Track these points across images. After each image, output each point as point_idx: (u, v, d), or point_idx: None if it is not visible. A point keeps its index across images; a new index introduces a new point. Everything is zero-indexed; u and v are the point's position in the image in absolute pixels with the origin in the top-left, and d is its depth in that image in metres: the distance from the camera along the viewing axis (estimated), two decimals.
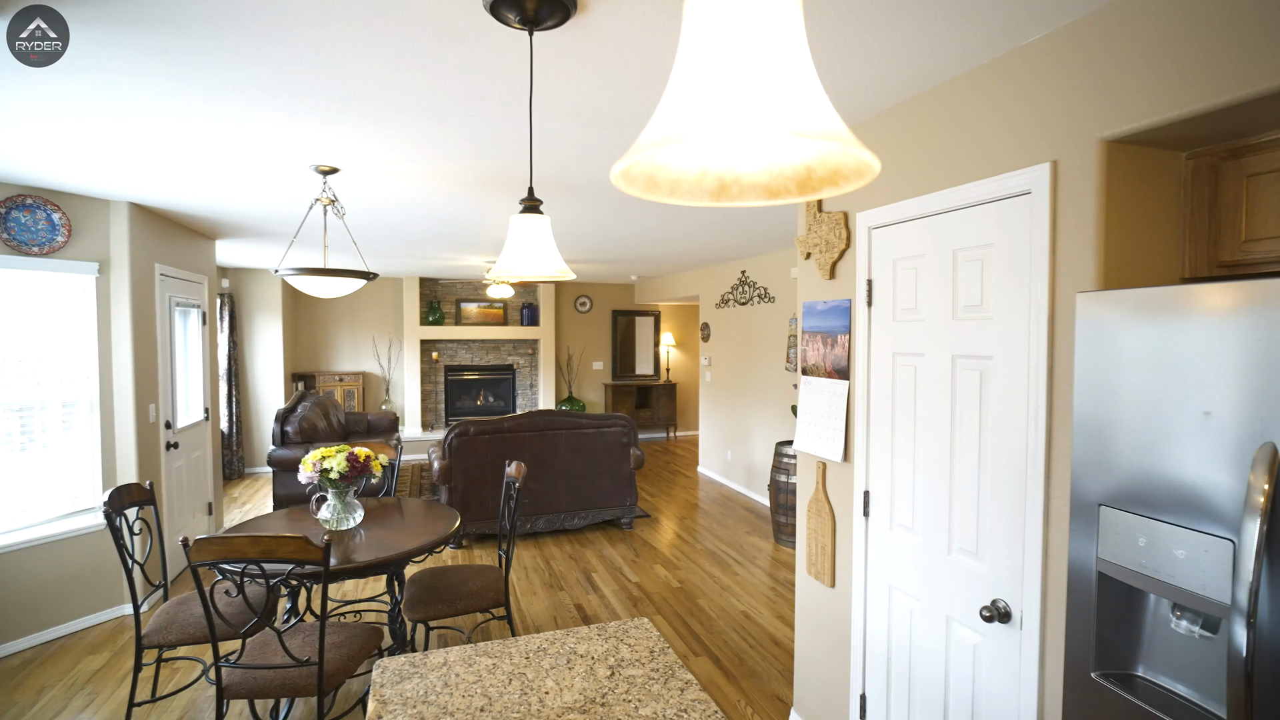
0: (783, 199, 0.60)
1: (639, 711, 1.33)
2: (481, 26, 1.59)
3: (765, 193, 0.60)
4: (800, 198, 0.59)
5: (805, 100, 0.46)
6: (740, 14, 0.49)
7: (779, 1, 0.48)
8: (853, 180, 0.53)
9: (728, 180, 0.60)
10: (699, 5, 0.51)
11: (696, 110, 0.48)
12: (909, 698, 2.11)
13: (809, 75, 0.48)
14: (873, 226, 2.24)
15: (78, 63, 1.83)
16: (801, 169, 0.56)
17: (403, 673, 1.49)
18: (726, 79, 0.47)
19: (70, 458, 3.62)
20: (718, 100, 0.47)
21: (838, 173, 0.54)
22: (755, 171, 0.59)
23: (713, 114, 0.46)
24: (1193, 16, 1.33)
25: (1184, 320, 1.23)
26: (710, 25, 0.50)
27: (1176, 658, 1.31)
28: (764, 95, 0.46)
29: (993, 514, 1.79)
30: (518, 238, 1.48)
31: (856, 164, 0.51)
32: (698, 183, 0.60)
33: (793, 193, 0.59)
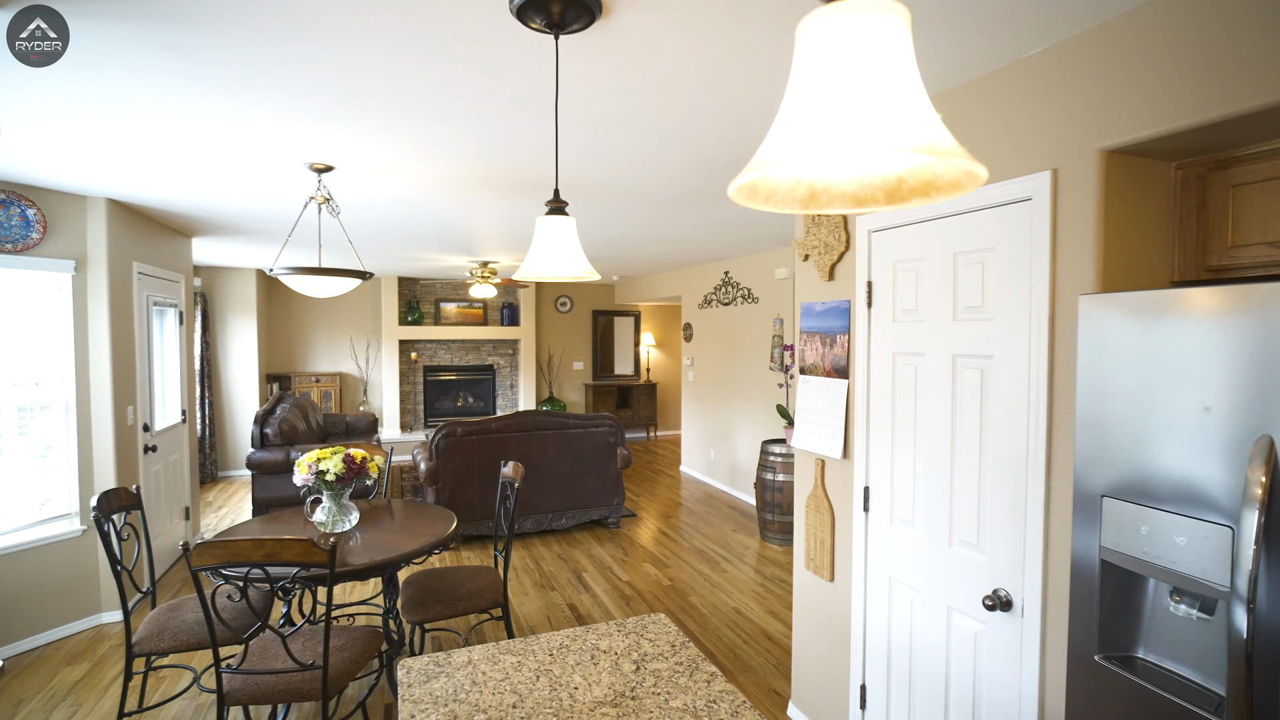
0: (868, 208, 0.64)
1: (669, 704, 1.36)
2: (504, 29, 1.60)
3: (852, 201, 0.64)
4: (887, 207, 0.63)
5: (917, 117, 0.49)
6: (853, 36, 0.52)
7: (890, 23, 0.52)
8: (947, 192, 0.57)
9: (818, 189, 0.63)
10: (812, 29, 0.54)
11: (815, 128, 0.51)
12: (909, 686, 2.18)
13: (919, 93, 0.51)
14: (873, 230, 2.30)
15: (80, 58, 1.79)
16: (892, 179, 0.60)
17: (428, 672, 1.49)
18: (843, 98, 0.51)
19: (45, 462, 3.50)
20: (837, 119, 0.50)
21: (931, 184, 0.58)
22: (845, 181, 0.62)
23: (832, 132, 0.49)
24: (1188, 35, 1.41)
25: (1183, 321, 1.31)
26: (824, 47, 0.53)
27: (1175, 639, 1.39)
28: (882, 113, 0.49)
29: (994, 507, 1.86)
30: (544, 239, 1.49)
31: (955, 177, 0.55)
32: (791, 191, 0.63)
33: (880, 202, 0.63)
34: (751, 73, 1.88)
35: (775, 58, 1.78)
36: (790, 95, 0.55)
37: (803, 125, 0.52)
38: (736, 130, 2.41)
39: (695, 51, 1.74)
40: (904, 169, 0.59)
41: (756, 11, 1.53)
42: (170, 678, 3.14)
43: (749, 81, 1.95)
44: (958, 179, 0.55)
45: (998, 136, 1.84)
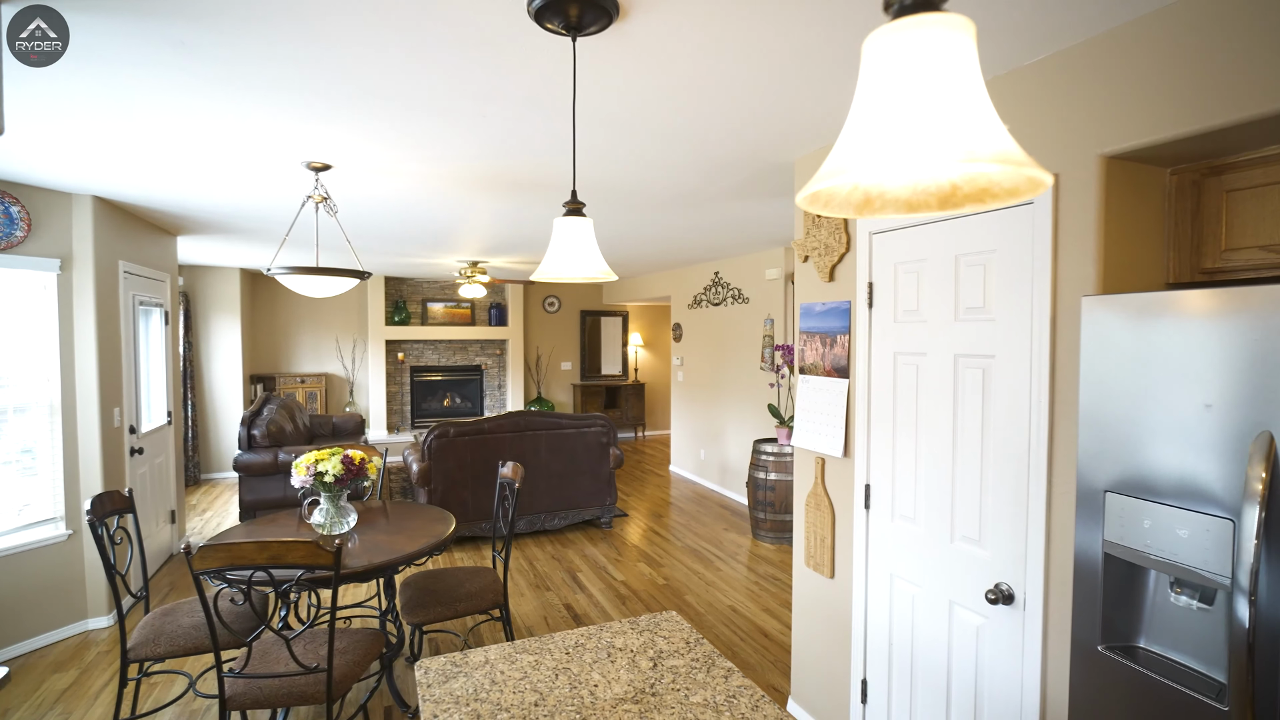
0: (920, 213, 0.66)
1: (690, 699, 1.38)
2: (520, 30, 1.60)
3: (905, 207, 0.66)
4: (939, 212, 0.65)
5: (986, 128, 0.52)
6: (921, 50, 0.54)
7: (955, 36, 0.54)
8: (1003, 199, 0.60)
9: (873, 195, 0.65)
10: (880, 45, 0.56)
11: (888, 138, 0.53)
12: (911, 679, 2.22)
13: (986, 102, 0.54)
14: (874, 232, 2.34)
15: (86, 54, 1.76)
16: (947, 186, 0.62)
17: (446, 672, 1.49)
18: (914, 110, 0.53)
19: (26, 465, 3.42)
20: (910, 129, 0.52)
21: (987, 191, 0.60)
22: (899, 188, 0.65)
23: (906, 142, 0.52)
24: (1186, 46, 1.46)
25: (1185, 322, 1.36)
26: (893, 61, 0.55)
27: (1175, 629, 1.44)
28: (953, 124, 0.51)
29: (995, 503, 1.91)
30: (562, 240, 1.50)
31: (1014, 184, 0.58)
32: (848, 197, 0.65)
33: (932, 207, 0.65)
34: (760, 74, 1.91)
35: (783, 59, 1.81)
36: (859, 107, 0.57)
37: (874, 136, 0.54)
38: (740, 131, 2.43)
39: (706, 54, 1.76)
40: (960, 176, 0.61)
41: (767, 15, 1.55)
42: (162, 684, 3.08)
43: (757, 82, 1.97)
44: (1016, 186, 0.58)
45: None
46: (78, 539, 3.57)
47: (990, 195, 0.60)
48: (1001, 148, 0.49)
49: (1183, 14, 1.47)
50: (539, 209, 3.90)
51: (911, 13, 0.55)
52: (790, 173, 3.00)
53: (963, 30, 0.54)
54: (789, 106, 2.16)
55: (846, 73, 1.88)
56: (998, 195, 0.60)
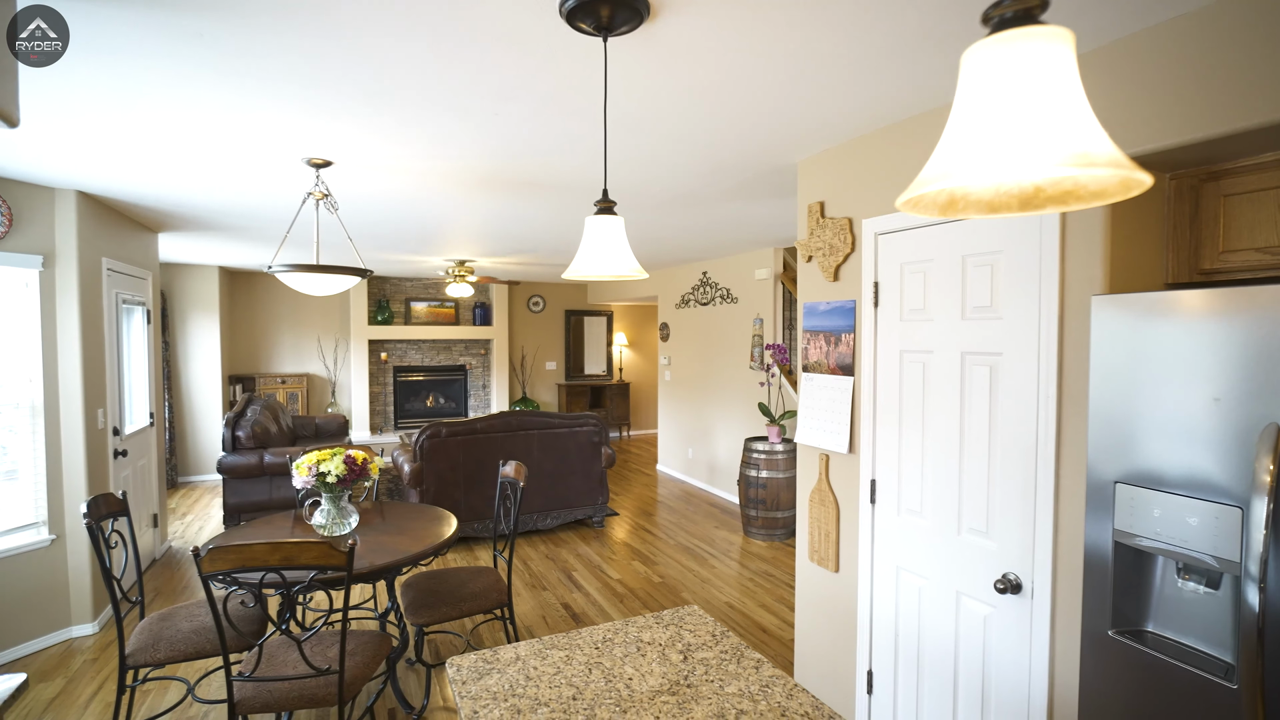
0: (1000, 214, 0.69)
1: (725, 690, 1.40)
2: (547, 29, 1.61)
3: (986, 208, 0.69)
4: (1019, 213, 0.68)
5: (1092, 133, 0.55)
6: (1023, 60, 0.57)
7: (1057, 47, 0.57)
8: (1087, 201, 0.63)
9: (957, 196, 0.69)
10: (981, 57, 0.59)
11: (994, 145, 0.56)
12: (918, 669, 2.28)
13: (1088, 109, 0.57)
14: (879, 233, 2.40)
15: (97, 45, 1.72)
16: (1029, 188, 0.66)
17: (479, 669, 1.50)
18: (1020, 116, 0.56)
19: (11, 468, 3.31)
20: (1017, 136, 0.55)
21: (1071, 194, 0.64)
22: (982, 190, 0.68)
23: (1012, 148, 0.55)
24: (1189, 59, 1.53)
25: (1194, 320, 1.43)
26: (995, 71, 0.58)
27: (1182, 613, 1.51)
28: (1058, 130, 0.54)
29: (1003, 496, 1.97)
30: (593, 239, 1.52)
31: (1102, 187, 0.61)
32: (934, 199, 0.68)
33: (1013, 209, 0.68)
34: (776, 76, 1.94)
35: (800, 62, 1.85)
36: (962, 116, 0.60)
37: (985, 142, 0.57)
38: (749, 133, 2.47)
39: (728, 55, 1.78)
40: (1043, 179, 0.64)
41: (793, 20, 1.58)
42: (155, 691, 3.01)
43: (770, 85, 2.01)
44: (1104, 188, 0.61)
45: None
46: (61, 544, 3.47)
47: (1074, 197, 0.64)
48: (1113, 153, 0.53)
49: (1185, 28, 1.54)
50: (539, 209, 3.89)
51: (1013, 26, 0.58)
52: (793, 174, 3.05)
53: (1063, 41, 0.57)
54: (799, 109, 2.20)
55: (856, 76, 1.93)
56: (1082, 197, 0.64)
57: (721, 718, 1.30)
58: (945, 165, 0.59)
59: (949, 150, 0.59)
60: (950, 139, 0.60)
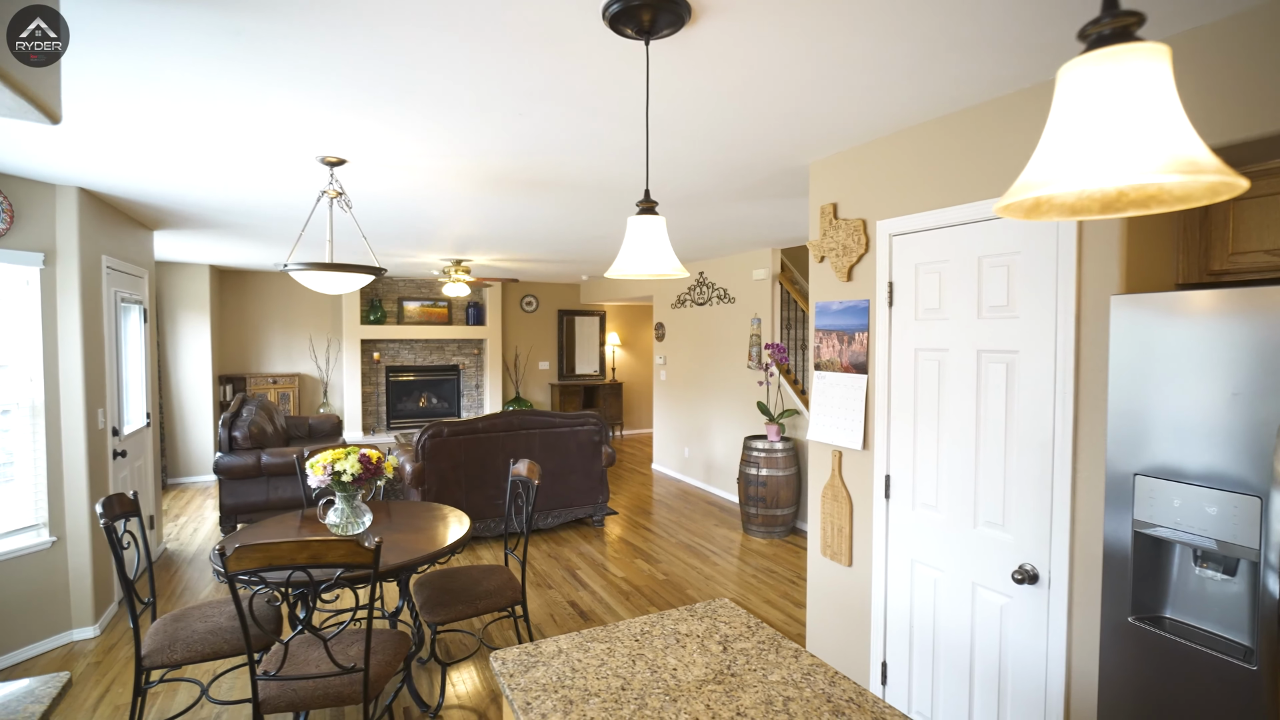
0: (1081, 216, 0.74)
1: (769, 678, 1.44)
2: (587, 32, 1.64)
3: (1069, 211, 0.73)
4: (1099, 216, 0.73)
5: (1191, 141, 0.59)
6: (1118, 77, 0.62)
7: (1154, 63, 0.61)
8: (1170, 205, 0.68)
9: (1042, 200, 0.73)
10: (1080, 72, 0.63)
11: (1090, 154, 0.60)
12: (933, 659, 2.34)
13: (1186, 120, 0.61)
14: (893, 234, 2.46)
15: (128, 38, 1.71)
16: (1113, 193, 0.70)
17: (524, 663, 1.52)
18: (1120, 127, 0.60)
19: (11, 469, 3.25)
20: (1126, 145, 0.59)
21: (1154, 198, 0.68)
22: (1066, 194, 0.72)
23: (1121, 156, 0.59)
24: (1205, 70, 1.60)
25: (1212, 318, 1.49)
26: (1096, 85, 0.63)
27: (1199, 599, 1.58)
28: (1157, 139, 0.59)
29: (1019, 489, 2.04)
30: (635, 238, 1.54)
31: (1186, 193, 0.66)
32: (1020, 203, 0.72)
33: (1094, 211, 0.73)
34: (800, 79, 1.98)
35: (827, 66, 1.89)
36: (1062, 125, 0.64)
37: (1088, 151, 0.61)
38: (767, 135, 2.51)
39: (759, 59, 1.82)
40: (1129, 184, 0.69)
41: (827, 25, 1.63)
42: (164, 693, 2.98)
43: (794, 88, 2.05)
44: (1190, 194, 0.66)
45: (1021, 151, 2.01)
46: (61, 546, 3.41)
47: (1157, 201, 0.68)
48: (1218, 161, 0.57)
49: (1201, 40, 1.61)
50: (549, 207, 3.91)
51: (1111, 43, 0.62)
52: (803, 175, 3.10)
53: (1162, 56, 0.61)
54: (819, 112, 2.25)
55: (879, 80, 1.98)
56: (1165, 201, 0.68)
57: (769, 704, 1.34)
58: (1048, 171, 0.63)
59: (1050, 158, 0.63)
60: (1051, 147, 0.64)
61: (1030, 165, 0.66)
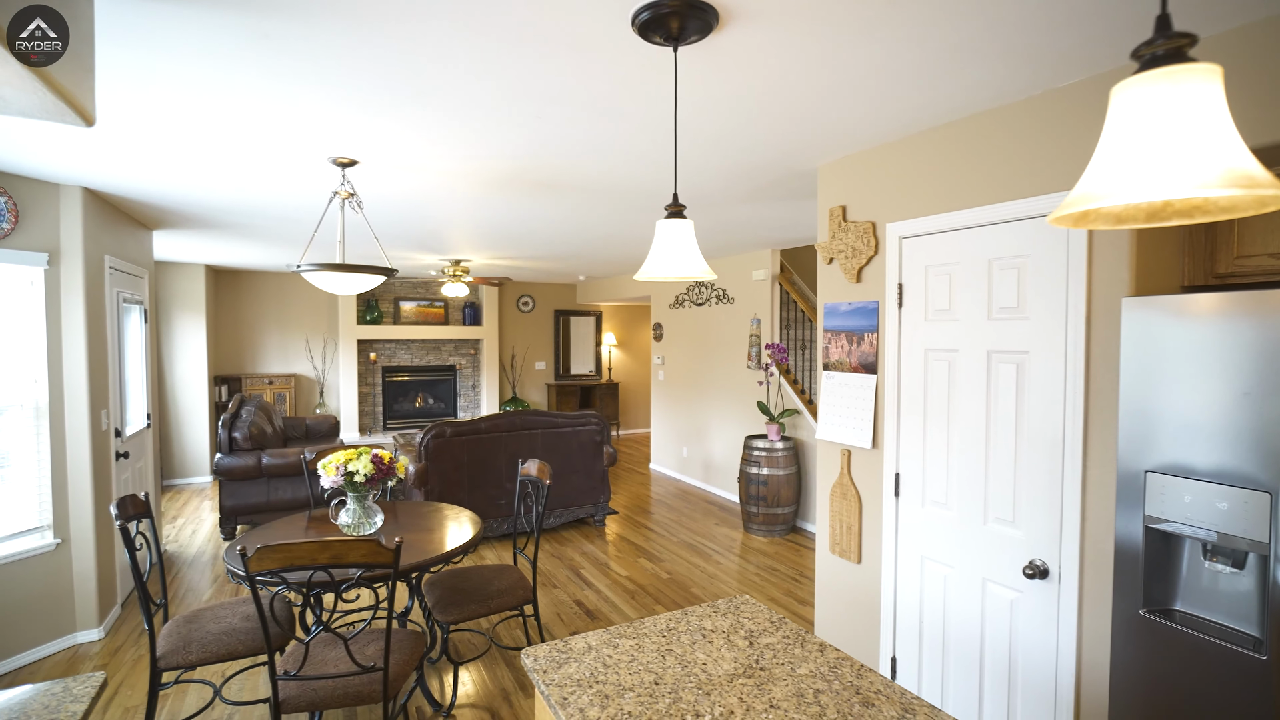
0: (1126, 225, 0.77)
1: (797, 671, 1.48)
2: (613, 37, 1.67)
3: (1114, 220, 0.77)
4: (1144, 224, 0.77)
5: (1245, 157, 0.63)
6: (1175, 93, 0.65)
7: (1206, 82, 0.65)
8: (1214, 215, 0.71)
9: (1090, 211, 0.76)
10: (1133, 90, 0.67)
11: (1145, 168, 0.64)
12: (943, 653, 2.38)
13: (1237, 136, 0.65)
14: (903, 236, 2.50)
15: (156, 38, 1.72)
16: (1158, 204, 0.74)
17: (555, 659, 1.54)
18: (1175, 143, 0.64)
19: (14, 471, 3.23)
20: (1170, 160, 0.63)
21: (1199, 209, 0.72)
22: (1112, 204, 0.76)
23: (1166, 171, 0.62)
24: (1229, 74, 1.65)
25: (1224, 320, 1.54)
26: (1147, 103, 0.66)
27: (1208, 592, 1.63)
28: (1213, 154, 0.62)
29: (1029, 486, 2.09)
30: (664, 241, 1.57)
31: (1231, 204, 0.69)
32: (1072, 214, 0.76)
33: (1139, 221, 0.76)
34: (816, 84, 2.02)
35: (845, 73, 1.93)
36: (1116, 140, 0.68)
37: (1138, 165, 0.64)
38: (779, 138, 2.55)
39: (777, 65, 1.86)
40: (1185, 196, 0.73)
41: (853, 32, 1.66)
42: (175, 695, 2.98)
43: (809, 93, 2.08)
44: (1236, 204, 0.69)
45: (1031, 156, 2.06)
46: (66, 549, 3.39)
47: (1202, 212, 0.72)
48: (1271, 175, 0.61)
49: (1208, 52, 1.66)
50: (556, 209, 3.92)
51: (1164, 63, 0.66)
52: (809, 178, 3.14)
53: (1215, 76, 0.65)
54: (832, 116, 2.29)
55: (893, 86, 2.02)
56: (1210, 212, 0.72)
57: (800, 697, 1.37)
58: (1106, 184, 0.66)
59: (1107, 171, 0.67)
60: (1107, 161, 0.68)
61: (1086, 178, 0.69)
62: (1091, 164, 0.70)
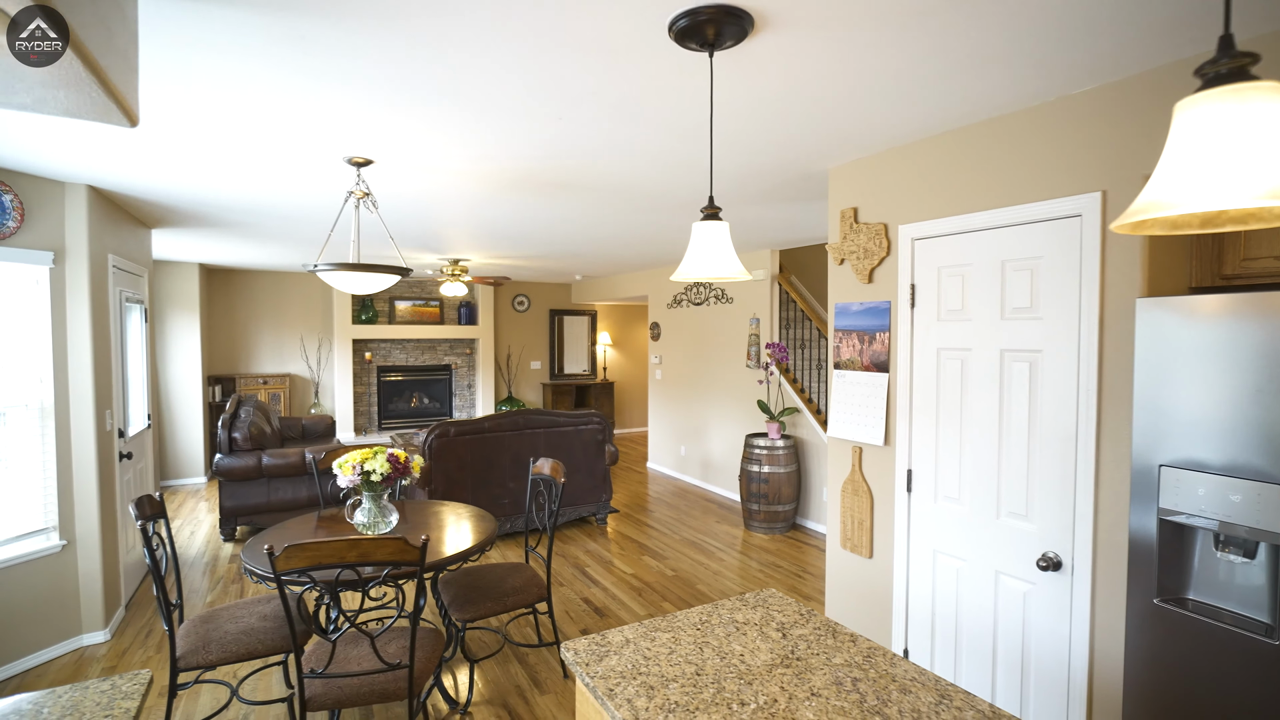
0: (1180, 231, 0.82)
1: (833, 660, 1.52)
2: (649, 44, 1.70)
3: (1169, 225, 0.82)
4: (1197, 230, 0.81)
5: None
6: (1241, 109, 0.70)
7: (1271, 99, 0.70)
8: (1269, 222, 0.76)
9: (1146, 219, 0.81)
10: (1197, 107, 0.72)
11: (1212, 179, 0.69)
12: (955, 645, 2.44)
13: None
14: (916, 238, 2.56)
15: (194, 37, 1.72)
16: (1213, 212, 0.79)
17: (596, 652, 1.57)
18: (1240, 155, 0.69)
19: (19, 473, 3.19)
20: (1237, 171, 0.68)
21: (1253, 215, 0.77)
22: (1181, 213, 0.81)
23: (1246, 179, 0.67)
24: None
25: (1237, 319, 1.61)
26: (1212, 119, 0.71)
27: (1220, 581, 1.70)
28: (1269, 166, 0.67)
29: (1042, 481, 2.15)
30: (700, 243, 1.61)
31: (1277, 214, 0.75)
32: (1131, 221, 0.80)
33: (1194, 227, 0.81)
34: (837, 89, 2.07)
35: (866, 79, 1.97)
36: (1180, 151, 0.73)
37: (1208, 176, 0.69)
38: (793, 142, 2.59)
39: (801, 70, 1.90)
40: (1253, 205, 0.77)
41: (876, 40, 1.71)
42: (188, 696, 2.96)
43: (829, 98, 2.13)
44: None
45: (1043, 160, 2.12)
46: (71, 550, 3.36)
47: (1256, 219, 0.77)
48: None
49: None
50: (565, 209, 3.95)
51: (1228, 81, 0.71)
52: (817, 180, 3.19)
53: (1275, 92, 0.70)
54: (844, 120, 2.34)
55: (914, 91, 2.07)
56: (1264, 219, 0.77)
57: (839, 685, 1.42)
58: (1174, 193, 0.71)
59: (1173, 181, 0.72)
60: (1173, 171, 0.72)
61: (1150, 187, 0.74)
62: (1156, 174, 0.75)
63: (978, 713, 1.32)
